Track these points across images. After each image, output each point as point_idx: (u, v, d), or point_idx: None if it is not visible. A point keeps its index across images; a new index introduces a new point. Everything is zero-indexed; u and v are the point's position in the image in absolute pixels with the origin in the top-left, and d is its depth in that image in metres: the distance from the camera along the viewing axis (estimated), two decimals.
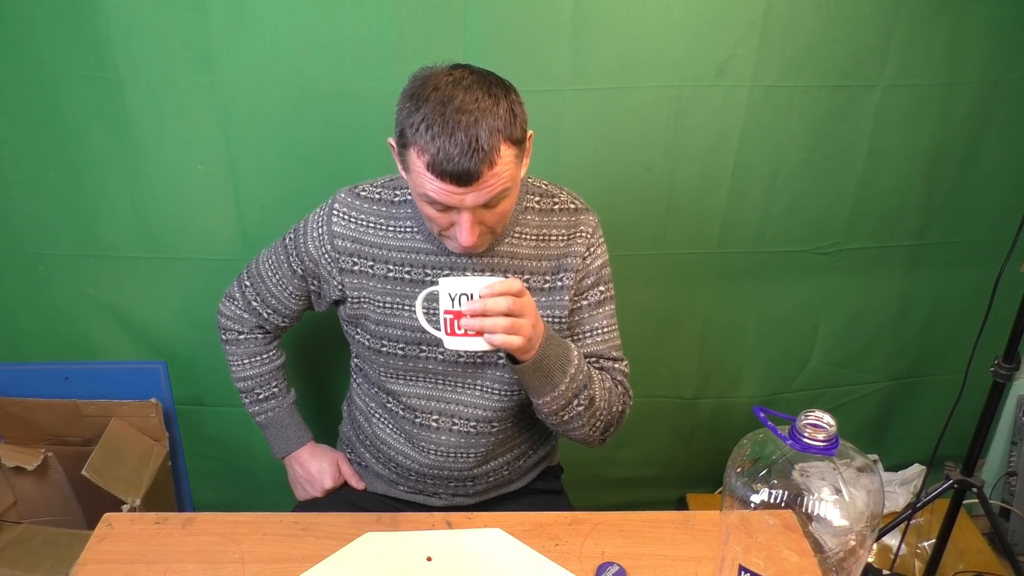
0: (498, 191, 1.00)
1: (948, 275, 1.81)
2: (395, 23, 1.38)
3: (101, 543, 1.05)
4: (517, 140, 1.01)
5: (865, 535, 0.88)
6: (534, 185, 1.21)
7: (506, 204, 1.05)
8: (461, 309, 0.99)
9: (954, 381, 1.57)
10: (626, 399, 1.22)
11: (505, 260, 1.16)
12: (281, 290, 1.27)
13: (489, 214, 1.04)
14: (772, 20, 1.46)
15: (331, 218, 1.18)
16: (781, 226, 1.68)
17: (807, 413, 0.85)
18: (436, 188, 0.99)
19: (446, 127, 0.95)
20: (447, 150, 0.95)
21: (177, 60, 1.40)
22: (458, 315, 0.99)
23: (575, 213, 1.20)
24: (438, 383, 1.22)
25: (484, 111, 0.97)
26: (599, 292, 1.22)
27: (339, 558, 1.04)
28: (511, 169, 1.01)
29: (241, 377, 1.34)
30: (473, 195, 0.99)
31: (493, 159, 0.97)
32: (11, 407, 1.68)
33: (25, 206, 1.52)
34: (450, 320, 1.00)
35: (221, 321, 1.34)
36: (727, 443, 0.96)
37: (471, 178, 0.97)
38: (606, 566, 1.02)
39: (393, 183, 1.21)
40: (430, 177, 0.98)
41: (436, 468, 1.25)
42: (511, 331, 0.98)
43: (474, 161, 0.96)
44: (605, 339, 1.22)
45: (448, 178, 0.97)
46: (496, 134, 0.97)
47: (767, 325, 1.81)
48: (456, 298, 0.99)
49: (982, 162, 1.67)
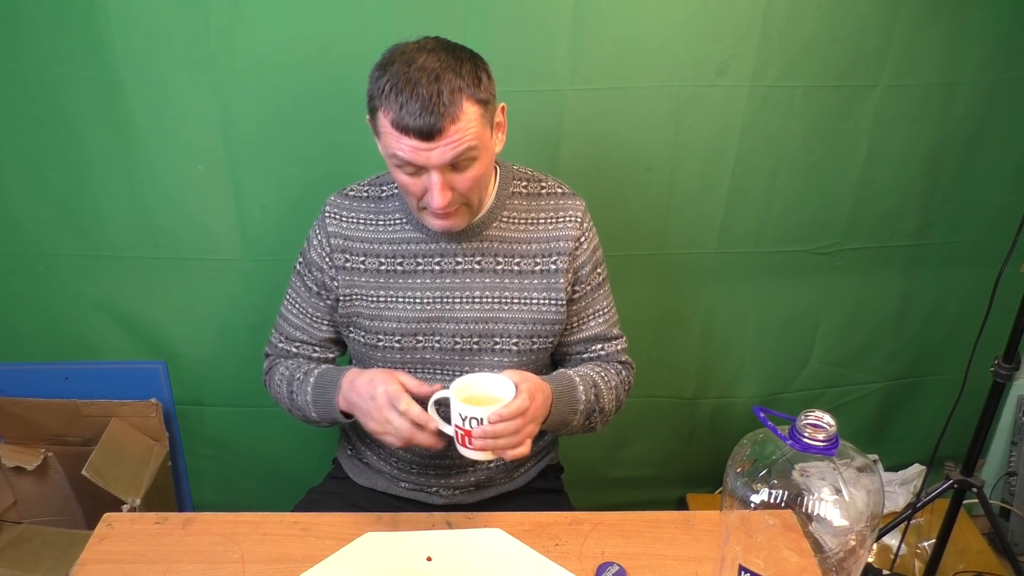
0: (463, 148, 1.02)
1: (948, 275, 1.81)
2: (395, 23, 1.38)
3: (101, 543, 1.05)
4: (482, 100, 1.03)
5: (865, 535, 0.88)
6: (520, 172, 1.24)
7: (476, 169, 1.06)
8: (471, 431, 1.01)
9: (954, 381, 1.57)
10: (629, 378, 1.28)
11: (495, 244, 1.19)
12: (302, 318, 1.26)
13: (459, 178, 1.06)
14: (772, 20, 1.46)
15: (324, 221, 1.21)
16: (781, 226, 1.68)
17: (807, 413, 0.85)
18: (403, 146, 1.01)
19: (408, 83, 0.99)
20: (410, 106, 0.99)
21: (177, 60, 1.40)
22: (468, 433, 1.02)
23: (562, 197, 1.22)
24: (436, 373, 1.22)
25: (446, 69, 1.00)
26: (597, 275, 1.25)
27: (339, 558, 1.04)
28: (476, 127, 1.03)
29: (280, 395, 1.26)
30: (439, 151, 1.01)
31: (455, 114, 0.99)
32: (11, 407, 1.68)
33: (25, 206, 1.52)
34: (462, 435, 1.03)
35: (264, 377, 1.32)
36: (727, 443, 0.96)
37: (433, 131, 0.99)
38: (606, 566, 1.02)
39: (379, 180, 1.23)
40: (396, 135, 1.01)
41: (437, 457, 1.26)
42: (520, 444, 1.03)
43: (435, 115, 0.98)
44: (606, 319, 1.27)
45: (412, 133, 1.00)
46: (458, 92, 1.00)
47: (767, 325, 1.81)
48: (467, 420, 1.01)
49: (982, 162, 1.67)
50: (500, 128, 1.12)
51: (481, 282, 1.19)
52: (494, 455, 1.04)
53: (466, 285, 1.19)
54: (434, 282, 1.19)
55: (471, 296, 1.19)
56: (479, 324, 1.19)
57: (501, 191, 1.20)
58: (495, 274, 1.19)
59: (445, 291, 1.19)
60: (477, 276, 1.19)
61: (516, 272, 1.19)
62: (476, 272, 1.19)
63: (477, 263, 1.19)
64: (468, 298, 1.19)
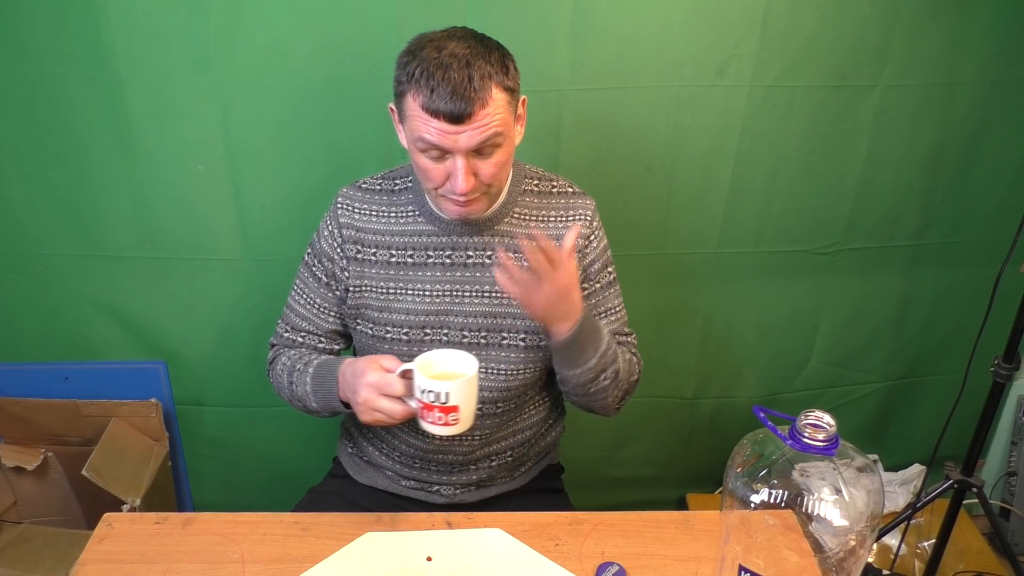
0: (490, 133, 1.03)
1: (948, 275, 1.81)
2: (395, 23, 1.38)
3: (101, 543, 1.05)
4: (509, 88, 1.05)
5: (865, 535, 0.88)
6: (532, 170, 1.24)
7: (500, 156, 1.07)
8: (432, 405, 0.99)
9: (954, 381, 1.57)
10: (639, 368, 1.28)
11: (506, 240, 1.19)
12: (309, 308, 1.26)
13: (483, 164, 1.06)
14: (772, 20, 1.46)
15: (336, 211, 1.21)
16: (781, 226, 1.68)
17: (807, 413, 0.85)
18: (431, 130, 1.02)
19: (440, 67, 1.00)
20: (440, 89, 1.00)
21: (177, 60, 1.40)
22: (429, 407, 1.00)
23: (572, 196, 1.24)
24: None
25: (476, 56, 1.02)
26: (608, 274, 1.26)
27: (339, 558, 1.04)
28: (503, 114, 1.04)
29: (281, 385, 1.26)
30: (467, 135, 1.02)
31: (484, 99, 1.01)
32: (11, 407, 1.68)
33: (25, 206, 1.52)
34: (421, 408, 1.01)
35: (267, 367, 1.30)
36: (727, 443, 0.96)
37: (464, 115, 1.00)
38: (606, 566, 1.02)
39: (392, 174, 1.24)
40: (425, 118, 1.02)
41: (440, 452, 1.26)
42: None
43: (465, 99, 1.00)
44: (617, 317, 1.28)
45: (442, 116, 1.01)
46: (488, 78, 1.01)
47: (767, 325, 1.81)
48: (425, 393, 1.00)
49: (982, 162, 1.67)
50: (520, 120, 1.14)
51: (491, 276, 1.19)
52: (458, 430, 1.01)
53: (476, 279, 1.19)
54: (444, 275, 1.19)
55: (480, 290, 1.19)
56: (487, 318, 1.20)
57: (514, 188, 1.20)
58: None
59: (455, 284, 1.19)
60: (487, 270, 1.19)
61: (526, 268, 1.19)
62: (487, 266, 1.19)
63: (488, 257, 1.19)
64: (478, 292, 1.19)
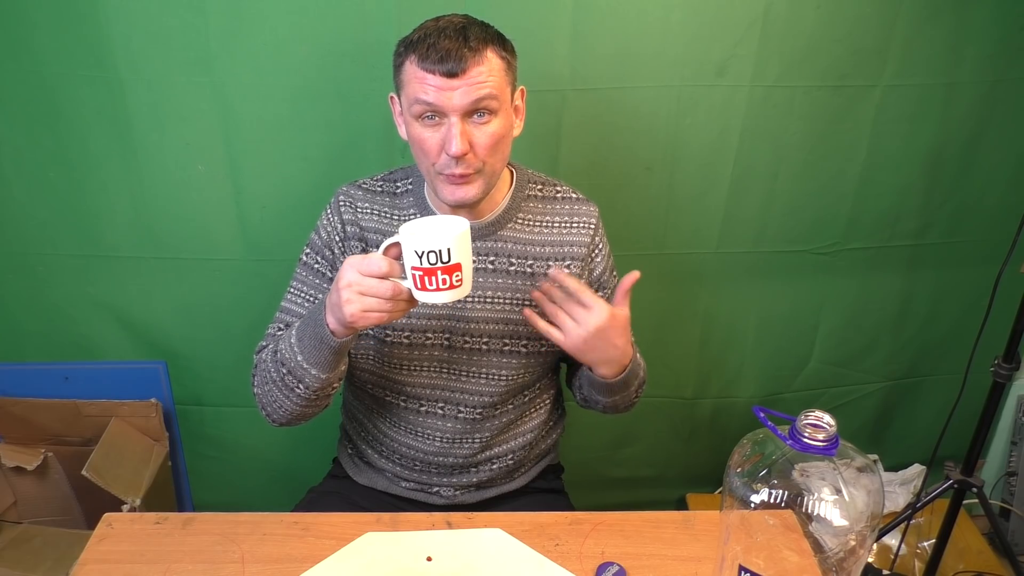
0: (485, 92, 1.03)
1: (948, 275, 1.80)
2: (395, 23, 1.38)
3: (101, 543, 1.05)
4: (505, 57, 1.07)
5: (865, 535, 0.88)
6: (535, 176, 1.24)
7: (495, 127, 1.07)
8: (434, 267, 0.92)
9: (954, 381, 1.57)
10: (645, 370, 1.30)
11: (509, 245, 1.19)
12: (308, 306, 1.20)
13: (478, 132, 1.06)
14: (772, 20, 1.46)
15: (339, 209, 1.20)
16: (781, 226, 1.68)
17: (807, 413, 0.85)
18: (427, 88, 1.02)
19: (437, 30, 1.03)
20: (437, 45, 1.02)
21: (177, 60, 1.40)
22: (429, 272, 0.92)
23: (576, 203, 1.24)
24: (443, 371, 1.22)
25: (473, 23, 1.06)
26: (614, 278, 1.27)
27: (339, 558, 1.04)
28: (498, 78, 1.05)
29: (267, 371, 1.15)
30: (461, 91, 1.02)
31: (480, 57, 1.02)
32: (11, 407, 1.68)
33: (25, 206, 1.52)
34: (420, 277, 0.93)
35: (252, 371, 1.20)
36: (727, 443, 0.96)
37: (457, 69, 1.01)
38: (606, 566, 1.02)
39: (392, 176, 1.23)
40: (421, 76, 1.02)
41: (440, 455, 1.26)
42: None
43: (460, 55, 1.01)
44: None
45: (438, 71, 1.01)
46: (484, 41, 1.04)
47: (767, 325, 1.81)
48: (424, 256, 0.92)
49: (982, 162, 1.67)
50: (519, 113, 1.14)
51: (494, 282, 1.19)
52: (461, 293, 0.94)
53: (479, 284, 1.18)
54: None
55: (483, 296, 1.19)
56: (490, 324, 1.19)
57: (517, 192, 1.20)
58: (508, 275, 1.19)
59: None
60: (490, 276, 1.19)
61: (528, 274, 1.19)
62: (489, 272, 1.19)
63: (491, 263, 1.19)
64: (480, 298, 1.19)
